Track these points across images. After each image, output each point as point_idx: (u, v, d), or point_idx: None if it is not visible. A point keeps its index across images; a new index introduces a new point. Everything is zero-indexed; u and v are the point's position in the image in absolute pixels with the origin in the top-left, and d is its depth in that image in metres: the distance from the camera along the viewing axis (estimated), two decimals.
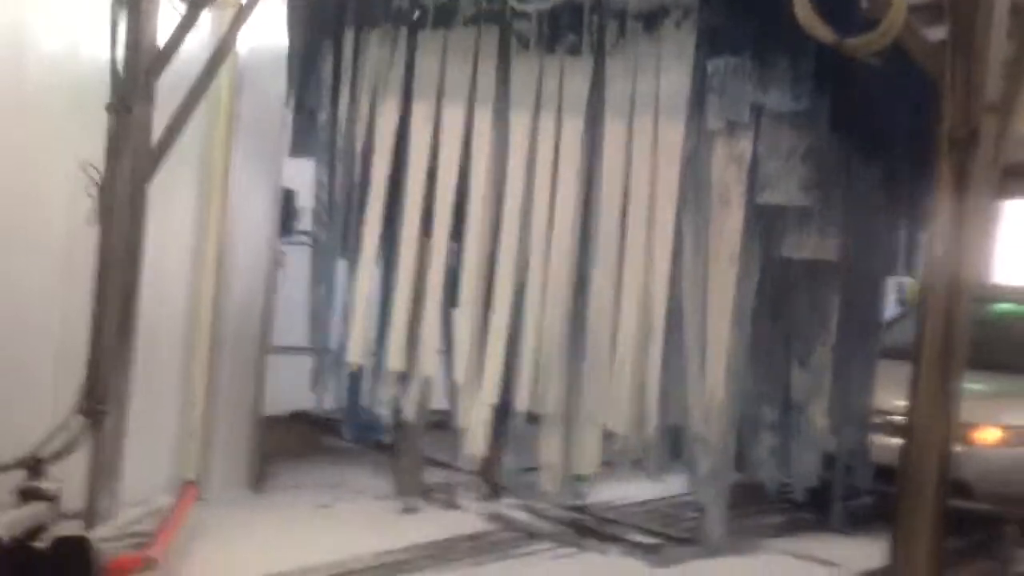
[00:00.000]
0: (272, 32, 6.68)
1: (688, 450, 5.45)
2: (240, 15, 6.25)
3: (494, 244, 6.00)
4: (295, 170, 7.21)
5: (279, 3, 6.55)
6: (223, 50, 6.31)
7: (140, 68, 5.92)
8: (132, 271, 5.79)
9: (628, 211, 5.51)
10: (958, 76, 4.27)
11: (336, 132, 6.48)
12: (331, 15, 6.49)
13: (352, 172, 6.40)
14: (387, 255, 6.34)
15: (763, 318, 5.52)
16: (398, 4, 6.25)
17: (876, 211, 5.90)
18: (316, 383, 6.63)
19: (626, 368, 5.41)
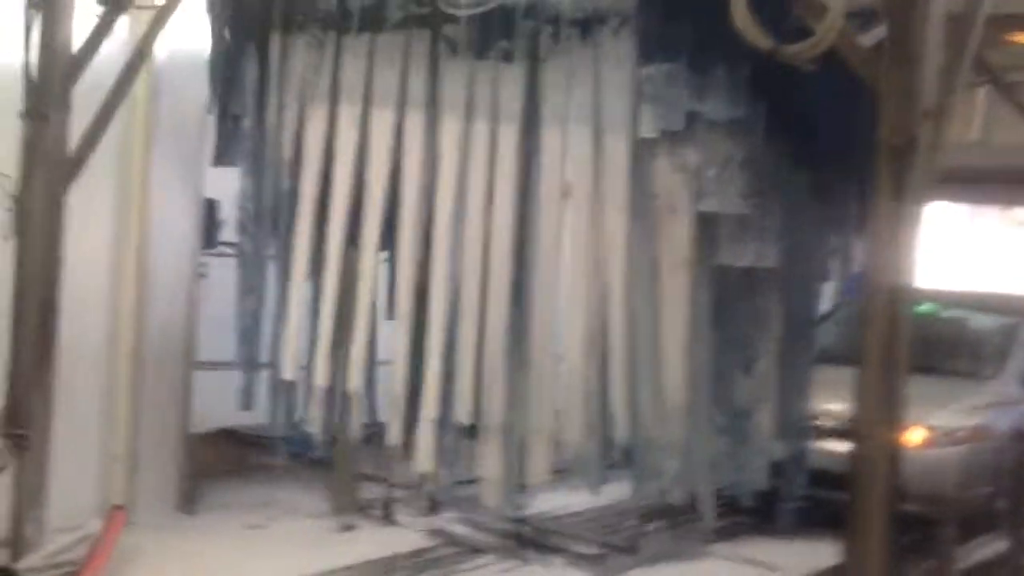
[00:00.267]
0: (191, 35, 6.46)
1: (648, 456, 5.41)
2: (158, 18, 6.05)
3: (427, 254, 5.88)
4: (216, 179, 6.99)
5: (198, 5, 6.32)
6: (141, 54, 6.11)
7: (55, 74, 5.70)
8: (51, 288, 5.56)
9: (568, 220, 5.45)
10: (894, 83, 4.31)
11: (263, 140, 6.29)
12: (256, 18, 6.29)
13: (280, 181, 6.21)
14: (317, 266, 6.17)
15: (706, 326, 5.51)
16: (326, 7, 6.09)
17: (810, 217, 5.94)
18: (245, 400, 6.43)
19: (575, 377, 5.35)
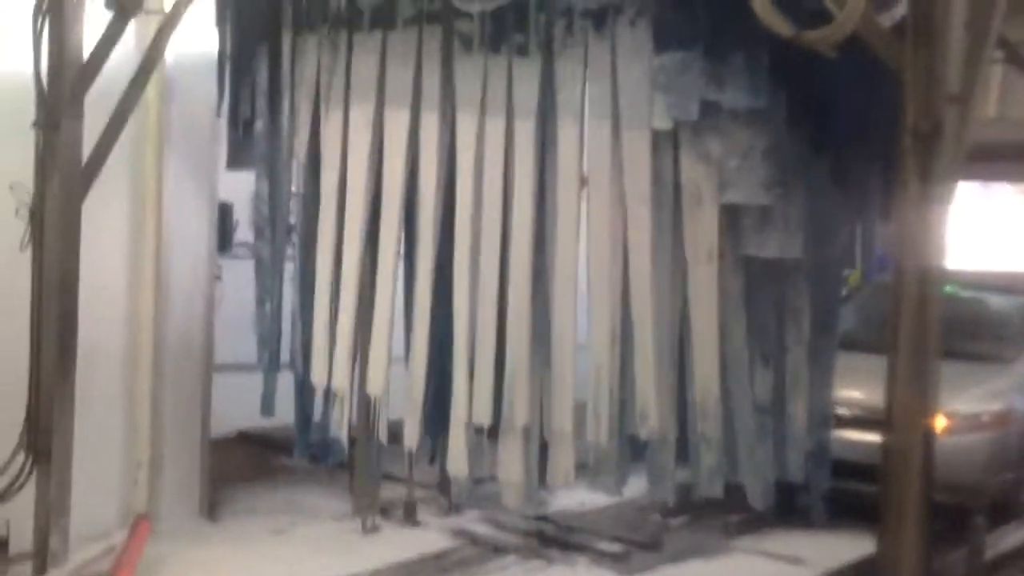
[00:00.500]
0: (201, 38, 6.41)
1: (674, 452, 5.37)
2: (168, 23, 5.99)
3: (446, 253, 5.83)
4: (228, 180, 6.95)
5: (207, 8, 6.27)
6: (151, 60, 6.04)
7: (66, 83, 5.65)
8: (69, 297, 5.51)
9: (589, 213, 5.39)
10: (919, 68, 4.25)
11: (276, 142, 6.24)
12: (265, 20, 6.24)
13: (296, 183, 6.17)
14: (337, 268, 6.12)
15: (736, 317, 5.46)
16: (336, 6, 6.03)
17: (833, 204, 5.88)
18: (267, 405, 6.39)
19: (601, 372, 5.30)
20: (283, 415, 6.70)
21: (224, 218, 7.28)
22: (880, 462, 4.22)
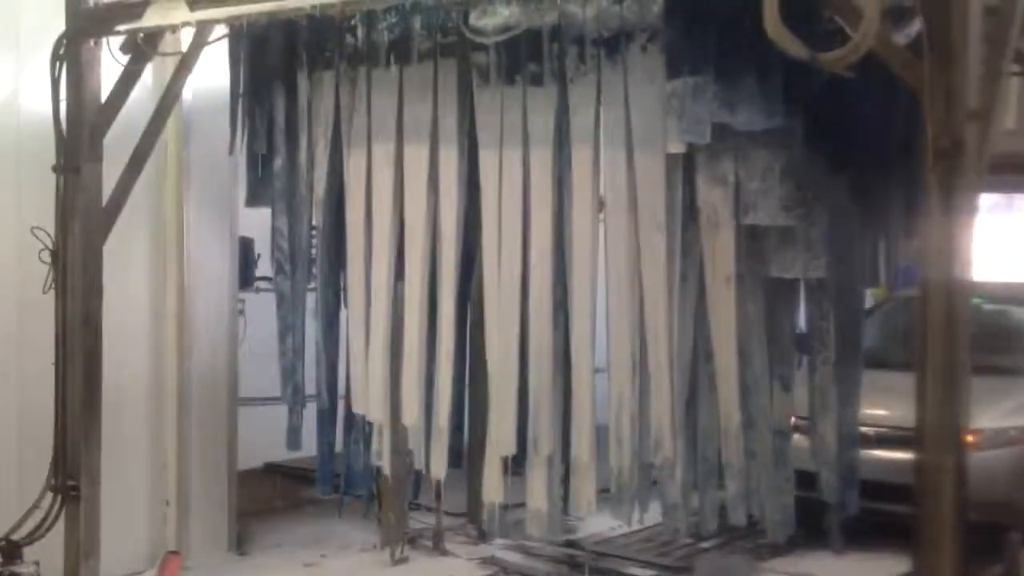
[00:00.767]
0: (218, 76, 6.45)
1: (695, 478, 5.34)
2: (183, 64, 6.04)
3: (468, 284, 5.83)
4: (248, 214, 6.98)
5: (221, 48, 6.31)
6: (169, 101, 6.10)
7: (85, 126, 5.71)
8: (93, 338, 5.56)
9: (606, 238, 5.38)
10: (938, 86, 4.21)
11: (295, 179, 6.26)
12: (280, 58, 6.27)
13: (316, 219, 6.19)
14: (367, 302, 6.10)
15: (757, 340, 5.44)
16: (351, 42, 6.06)
17: (855, 221, 5.85)
18: (293, 440, 6.39)
19: (621, 399, 5.28)
20: (310, 446, 6.71)
21: (246, 253, 7.29)
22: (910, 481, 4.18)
